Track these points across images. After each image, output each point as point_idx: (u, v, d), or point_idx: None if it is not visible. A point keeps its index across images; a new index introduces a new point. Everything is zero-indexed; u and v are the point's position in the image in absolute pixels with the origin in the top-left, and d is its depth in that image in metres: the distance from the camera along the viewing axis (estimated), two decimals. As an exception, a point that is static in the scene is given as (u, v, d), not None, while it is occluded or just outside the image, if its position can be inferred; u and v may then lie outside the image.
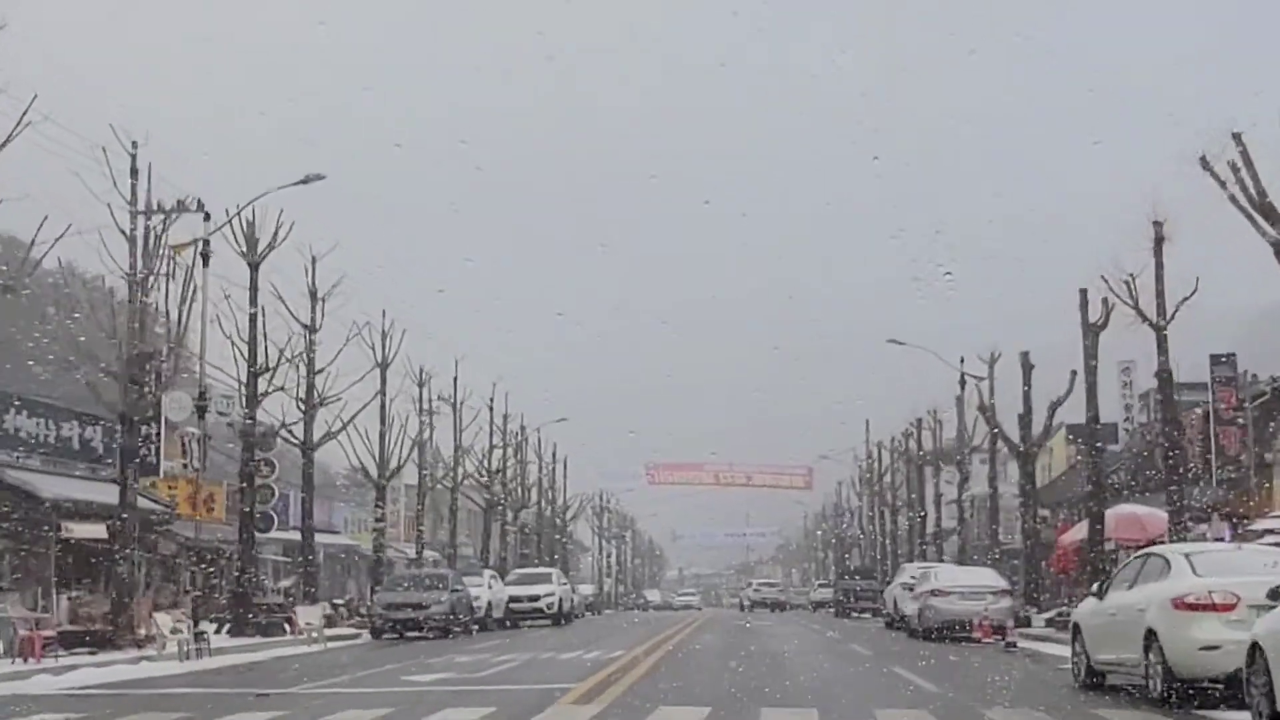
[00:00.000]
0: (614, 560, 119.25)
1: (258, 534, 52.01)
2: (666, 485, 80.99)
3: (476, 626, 40.82)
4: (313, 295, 38.28)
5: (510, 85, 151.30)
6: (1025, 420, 38.19)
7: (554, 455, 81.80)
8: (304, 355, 37.94)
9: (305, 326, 38.23)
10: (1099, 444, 32.74)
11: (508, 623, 45.55)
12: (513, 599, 45.86)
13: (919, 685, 17.83)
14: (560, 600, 47.12)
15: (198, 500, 39.01)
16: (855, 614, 59.54)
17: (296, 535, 66.39)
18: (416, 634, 35.59)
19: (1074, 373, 37.73)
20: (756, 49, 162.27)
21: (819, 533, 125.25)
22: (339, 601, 42.47)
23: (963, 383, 48.75)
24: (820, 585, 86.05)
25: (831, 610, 65.84)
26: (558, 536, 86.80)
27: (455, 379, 55.01)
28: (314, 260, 38.34)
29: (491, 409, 60.61)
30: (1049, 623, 35.25)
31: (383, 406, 44.06)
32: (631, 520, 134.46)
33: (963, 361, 48.63)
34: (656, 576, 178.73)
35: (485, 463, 60.07)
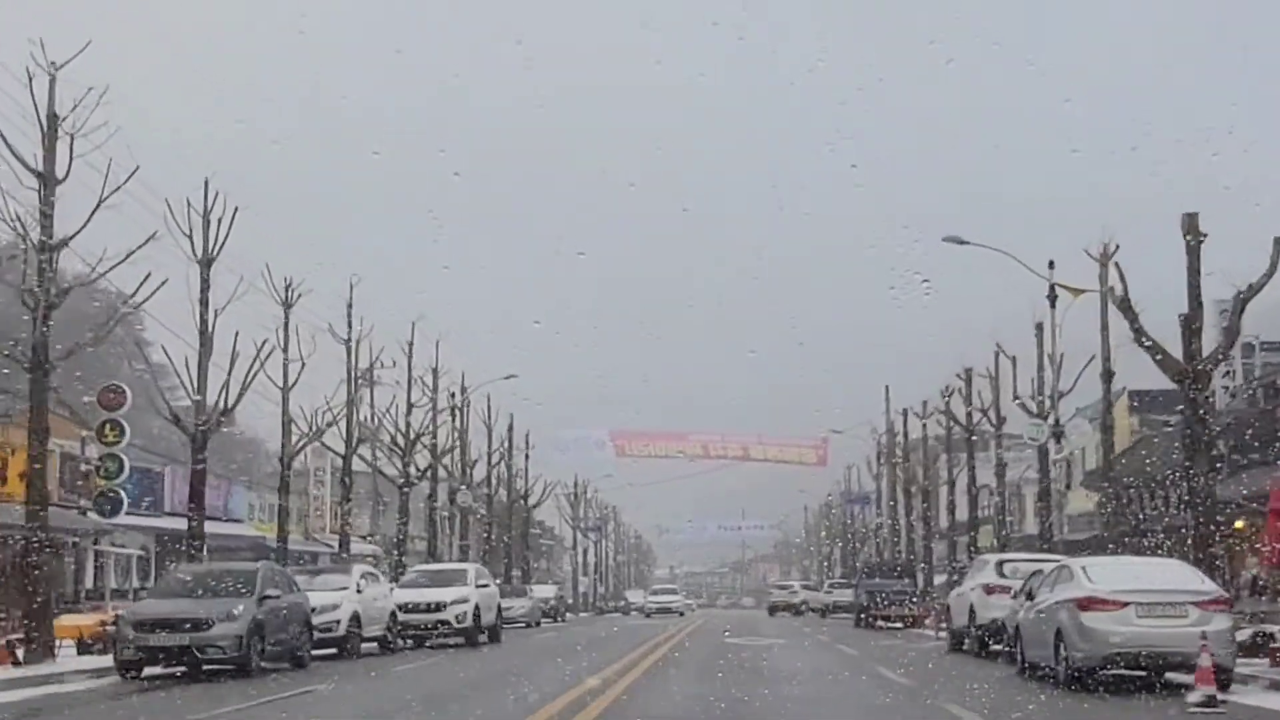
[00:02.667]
0: (591, 556, 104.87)
1: (102, 519, 39.09)
2: (640, 459, 65.81)
3: (332, 649, 26.65)
4: (49, 124, 23.75)
5: (487, 93, 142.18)
6: (1191, 325, 23.73)
7: (510, 429, 67.23)
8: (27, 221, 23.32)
9: (37, 174, 23.70)
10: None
11: (405, 641, 31.53)
12: (404, 608, 31.54)
13: None
14: (477, 609, 32.71)
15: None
16: (884, 623, 45.53)
17: (171, 523, 53.03)
18: (212, 665, 21.45)
19: (1279, 240, 23.44)
20: (736, 58, 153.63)
21: (823, 528, 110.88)
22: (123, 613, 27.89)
23: (1053, 298, 34.30)
24: (832, 585, 71.24)
25: (851, 617, 51.41)
26: (519, 529, 72.38)
27: (349, 306, 40.57)
28: (54, 70, 23.81)
29: (410, 354, 45.98)
30: (1251, 650, 20.89)
31: (202, 320, 29.58)
32: (614, 511, 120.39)
33: (1052, 267, 34.26)
34: (645, 575, 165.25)
35: (398, 423, 45.55)
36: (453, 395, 53.56)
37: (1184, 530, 29.96)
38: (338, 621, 26.93)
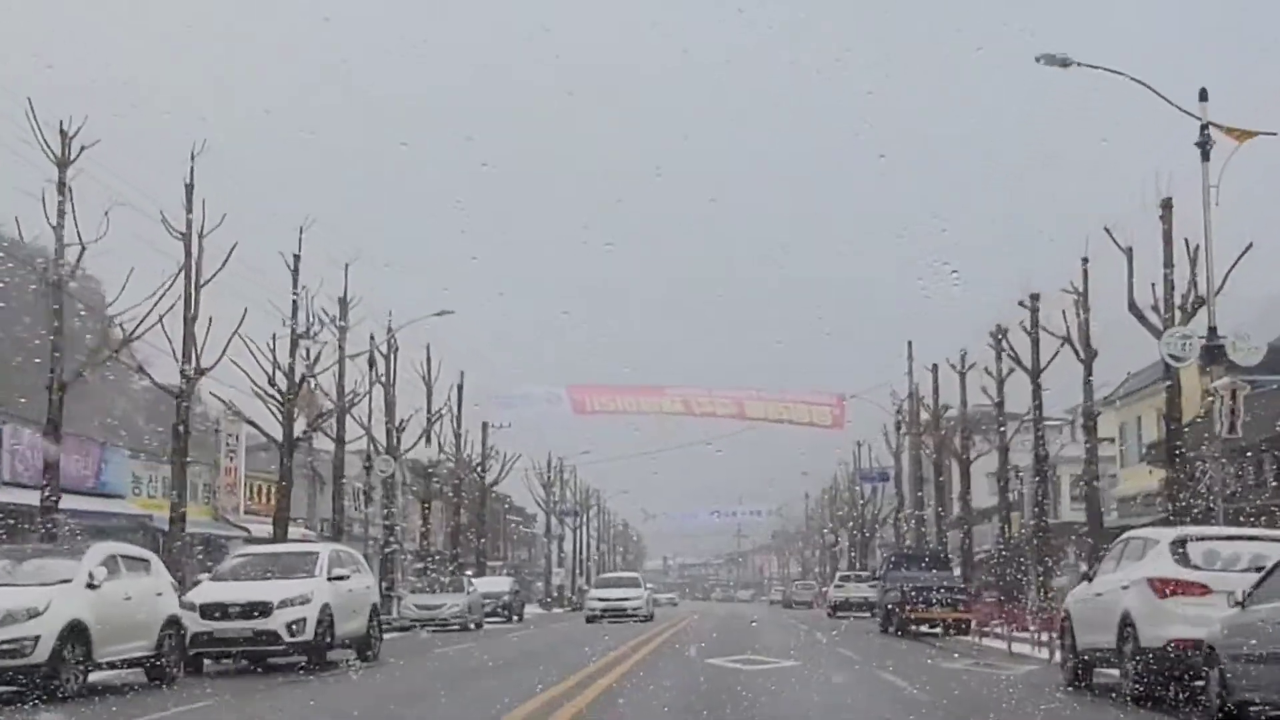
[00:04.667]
0: (569, 545, 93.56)
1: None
2: (606, 417, 54.05)
3: (28, 684, 15.44)
4: None
5: (514, 82, 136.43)
6: None
7: (459, 388, 55.74)
8: None
9: None
10: None
11: (240, 661, 20.59)
12: (208, 612, 20.23)
13: None
14: (328, 613, 21.24)
15: None
16: (923, 626, 34.52)
17: (13, 496, 42.07)
18: None
19: None
20: (762, 46, 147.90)
21: (829, 513, 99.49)
22: None
23: (1205, 147, 22.71)
24: (843, 578, 59.63)
25: (879, 618, 40.02)
26: (474, 509, 60.99)
27: (188, 187, 28.96)
28: None
29: (295, 269, 34.38)
30: None
31: None
32: (597, 495, 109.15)
33: (1204, 98, 22.78)
34: (635, 567, 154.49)
35: (277, 363, 34.04)
36: (372, 337, 42.06)
37: None
38: (35, 639, 15.60)
